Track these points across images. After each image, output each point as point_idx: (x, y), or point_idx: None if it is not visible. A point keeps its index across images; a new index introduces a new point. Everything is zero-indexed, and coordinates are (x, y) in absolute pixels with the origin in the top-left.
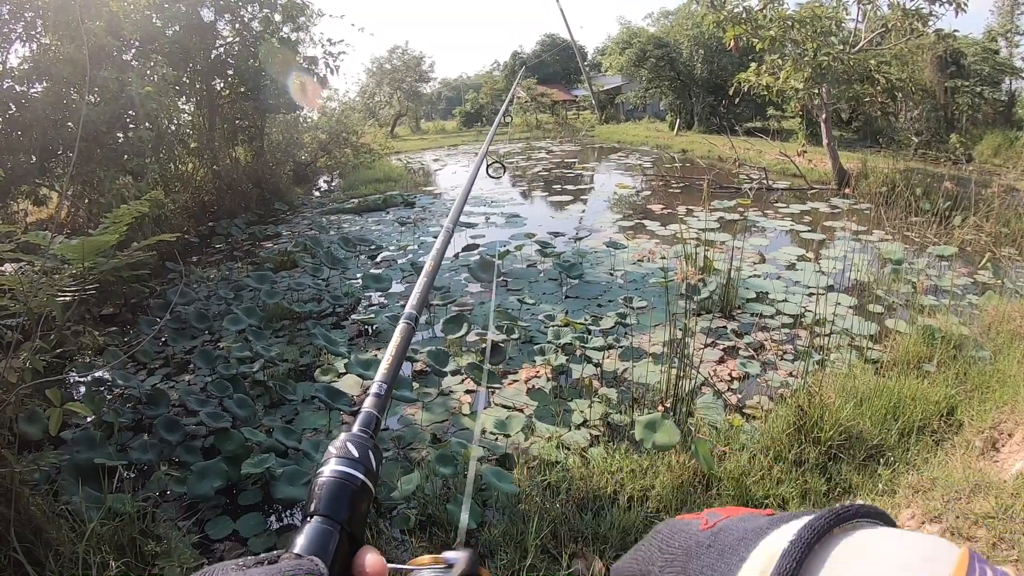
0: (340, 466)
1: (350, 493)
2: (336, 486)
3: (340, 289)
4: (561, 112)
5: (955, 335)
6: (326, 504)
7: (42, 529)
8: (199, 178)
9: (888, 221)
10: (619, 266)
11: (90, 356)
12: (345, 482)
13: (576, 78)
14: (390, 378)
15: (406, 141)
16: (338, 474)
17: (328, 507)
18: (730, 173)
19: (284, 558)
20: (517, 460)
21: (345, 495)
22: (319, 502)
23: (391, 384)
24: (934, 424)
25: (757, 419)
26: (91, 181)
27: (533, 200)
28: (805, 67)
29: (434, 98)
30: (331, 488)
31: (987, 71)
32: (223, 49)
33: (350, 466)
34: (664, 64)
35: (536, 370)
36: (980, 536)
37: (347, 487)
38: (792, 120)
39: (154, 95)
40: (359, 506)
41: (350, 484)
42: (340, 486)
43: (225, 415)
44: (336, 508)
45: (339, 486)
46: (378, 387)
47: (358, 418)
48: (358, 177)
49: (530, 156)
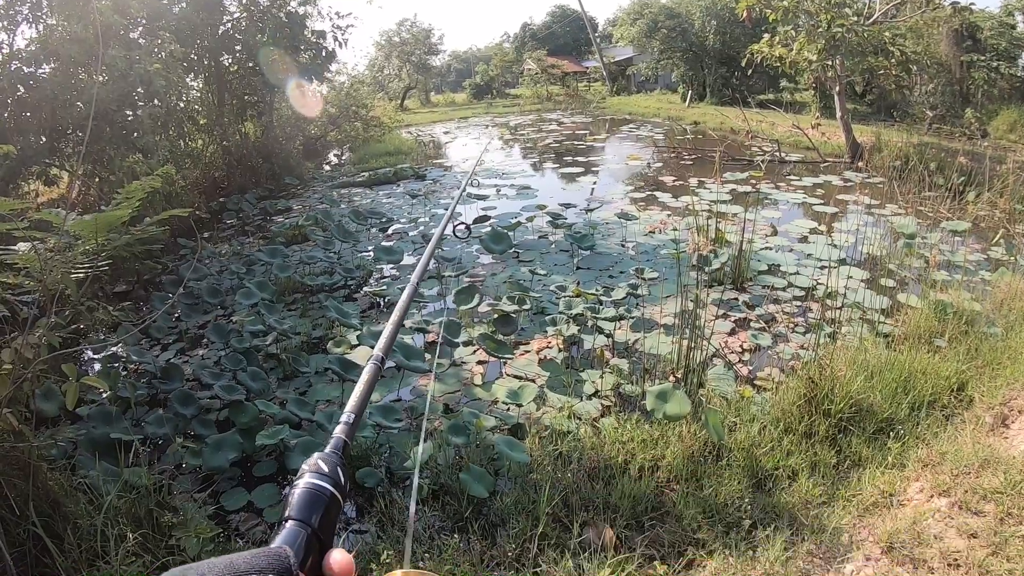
0: (312, 479)
1: (320, 502)
2: (307, 495)
3: (352, 262)
4: (572, 84)
5: (967, 311)
6: (298, 510)
7: (60, 503)
8: (209, 154)
9: (901, 195)
10: (630, 238)
11: (104, 332)
12: (316, 492)
13: (587, 49)
14: (358, 409)
15: (416, 114)
16: (310, 486)
17: (299, 512)
18: (742, 145)
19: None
20: (529, 430)
21: (316, 503)
22: (292, 509)
23: (359, 415)
24: (944, 399)
25: (768, 391)
26: (101, 160)
27: (544, 172)
28: (819, 39)
29: (444, 71)
30: (303, 497)
31: (1004, 46)
32: (230, 24)
33: (320, 479)
34: (676, 35)
35: (548, 341)
36: (988, 511)
37: (318, 497)
38: (805, 92)
39: (162, 72)
40: (328, 513)
41: (320, 494)
42: (311, 495)
43: (239, 388)
44: (307, 513)
45: (310, 495)
46: (347, 416)
47: (330, 441)
48: (368, 150)
49: (541, 128)
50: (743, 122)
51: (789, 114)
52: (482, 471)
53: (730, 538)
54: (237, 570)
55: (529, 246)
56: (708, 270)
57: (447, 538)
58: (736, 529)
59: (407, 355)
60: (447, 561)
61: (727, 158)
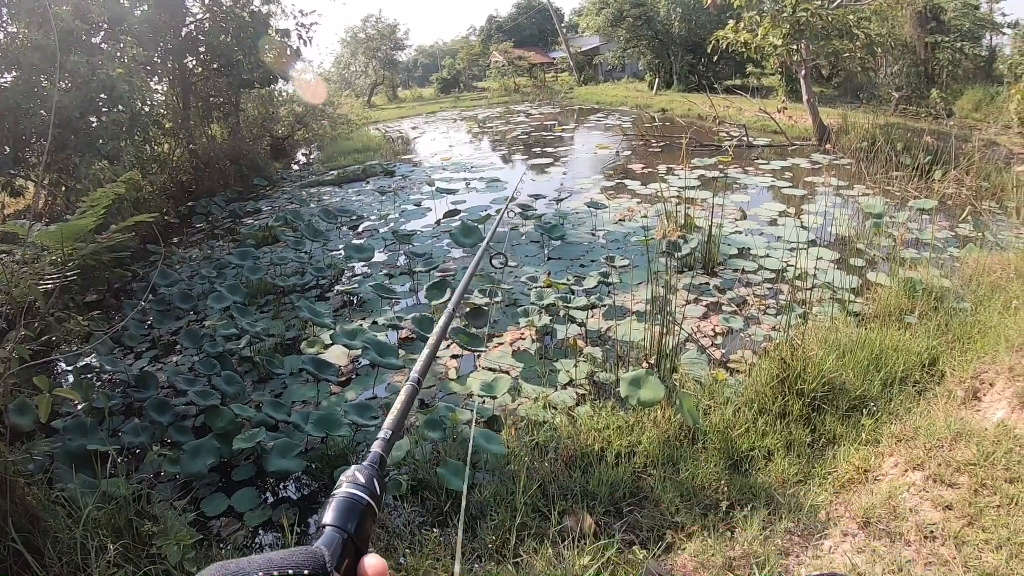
0: (349, 488)
1: (356, 510)
2: (345, 503)
3: (323, 261)
4: (539, 75)
5: (936, 287)
6: (334, 517)
7: (39, 518)
8: (176, 158)
9: (869, 176)
10: (601, 226)
11: (76, 343)
12: (352, 500)
13: (553, 40)
14: (396, 427)
15: (383, 110)
16: (346, 495)
17: (336, 519)
18: (710, 131)
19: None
20: (505, 421)
21: (352, 511)
22: (329, 516)
23: (396, 432)
24: (916, 375)
25: (741, 373)
26: (67, 168)
27: (513, 164)
28: (783, 23)
29: (410, 66)
30: (339, 505)
31: (967, 26)
32: (193, 26)
33: (357, 488)
34: (642, 23)
35: (521, 332)
36: (962, 483)
37: (355, 505)
38: (772, 77)
39: (125, 77)
40: (364, 521)
41: (357, 502)
42: (348, 503)
43: (214, 393)
44: (344, 520)
45: (347, 503)
46: (384, 432)
47: (368, 456)
48: (336, 148)
49: (509, 120)
50: (710, 108)
51: (756, 99)
52: (459, 464)
53: (708, 520)
54: (274, 565)
55: (499, 238)
56: (678, 256)
57: (427, 532)
58: (714, 511)
59: (380, 352)
60: (428, 555)
61: (695, 144)
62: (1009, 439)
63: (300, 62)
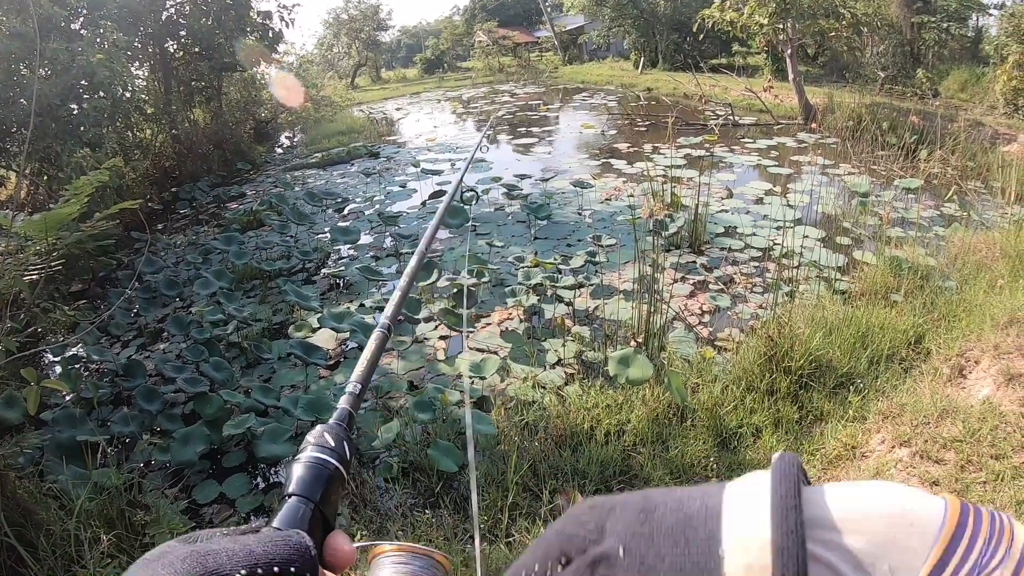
0: (316, 453)
1: (325, 476)
2: (312, 470)
3: (309, 244)
4: (524, 54)
5: (922, 266)
6: (302, 485)
7: (31, 511)
8: (158, 144)
9: (855, 155)
10: (587, 205)
11: (63, 334)
12: (320, 467)
13: (538, 19)
14: (364, 379)
15: (367, 92)
16: (314, 460)
17: (304, 488)
18: (696, 110)
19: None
20: (494, 401)
21: (320, 478)
22: (296, 484)
23: (365, 385)
24: (902, 352)
25: (729, 351)
26: (49, 157)
27: (499, 144)
28: (770, 2)
29: (394, 46)
30: (307, 471)
31: (953, 7)
32: (174, 9)
33: (325, 453)
34: (627, 2)
35: (508, 312)
36: (948, 459)
37: (322, 471)
38: (758, 56)
39: (106, 63)
40: (333, 489)
41: (325, 468)
42: (316, 470)
43: (202, 380)
44: (312, 489)
45: (315, 470)
46: (353, 387)
47: (335, 413)
48: (320, 131)
49: (494, 100)
50: (696, 87)
51: (742, 78)
52: (450, 445)
53: None
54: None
55: (486, 219)
56: (665, 235)
57: (419, 514)
58: None
59: (368, 334)
60: (420, 537)
61: (681, 123)
62: (994, 416)
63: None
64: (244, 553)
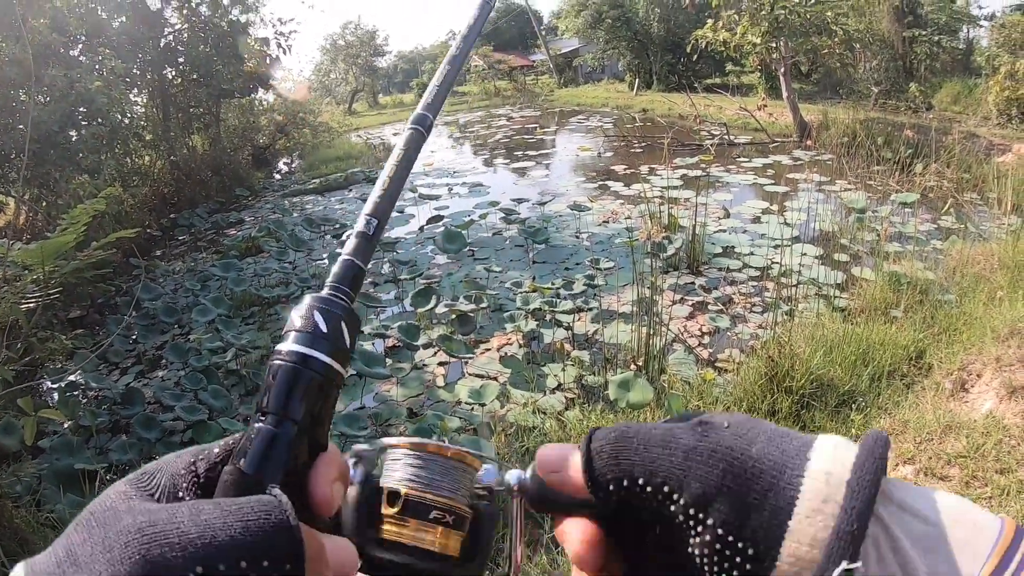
0: (299, 346)
1: (311, 383)
2: (293, 374)
3: (307, 271)
4: (519, 78)
5: (921, 280)
6: (278, 399)
7: (28, 540)
8: (157, 170)
9: (850, 171)
10: (584, 228)
11: (61, 361)
12: (305, 368)
13: (533, 43)
14: (384, 210)
15: (364, 117)
16: (296, 357)
17: (280, 404)
18: (691, 130)
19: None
20: (494, 427)
21: (304, 385)
22: (271, 396)
23: (384, 219)
24: (904, 368)
25: (729, 372)
26: (47, 183)
27: (496, 168)
28: (762, 21)
29: (390, 72)
30: (287, 377)
31: (944, 20)
32: (172, 37)
33: (312, 345)
34: (620, 24)
35: (507, 337)
36: (953, 475)
37: (307, 375)
38: (751, 75)
39: (104, 89)
40: (323, 399)
41: (310, 371)
42: (298, 374)
43: (201, 407)
44: (292, 405)
45: (297, 374)
46: (365, 223)
47: (332, 270)
48: (318, 157)
49: (490, 124)
50: (691, 107)
51: (736, 97)
52: None
53: None
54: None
55: (484, 243)
56: (663, 256)
57: None
58: None
59: (368, 362)
60: None
61: (676, 144)
62: (998, 430)
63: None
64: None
